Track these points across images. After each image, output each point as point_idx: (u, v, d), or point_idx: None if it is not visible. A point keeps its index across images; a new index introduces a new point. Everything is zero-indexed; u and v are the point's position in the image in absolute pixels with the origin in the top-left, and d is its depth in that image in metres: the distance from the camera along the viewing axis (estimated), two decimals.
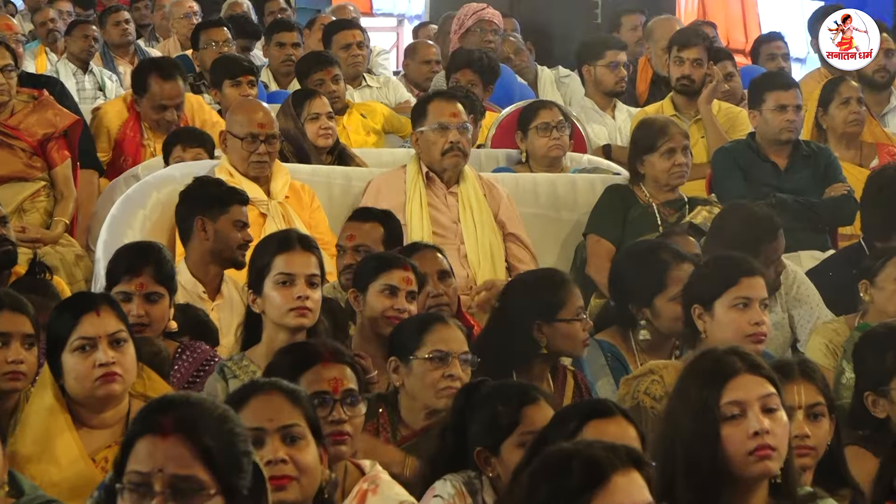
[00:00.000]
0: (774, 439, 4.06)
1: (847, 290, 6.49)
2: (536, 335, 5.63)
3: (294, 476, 3.80)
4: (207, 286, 6.54)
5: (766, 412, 4.08)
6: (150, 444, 3.24)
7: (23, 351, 5.12)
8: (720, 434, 4.08)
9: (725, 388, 4.10)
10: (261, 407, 3.84)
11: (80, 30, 11.44)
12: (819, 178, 7.81)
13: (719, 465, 4.07)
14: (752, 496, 4.13)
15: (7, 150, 8.00)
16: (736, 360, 4.16)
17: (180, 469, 3.23)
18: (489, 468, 4.44)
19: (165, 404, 3.33)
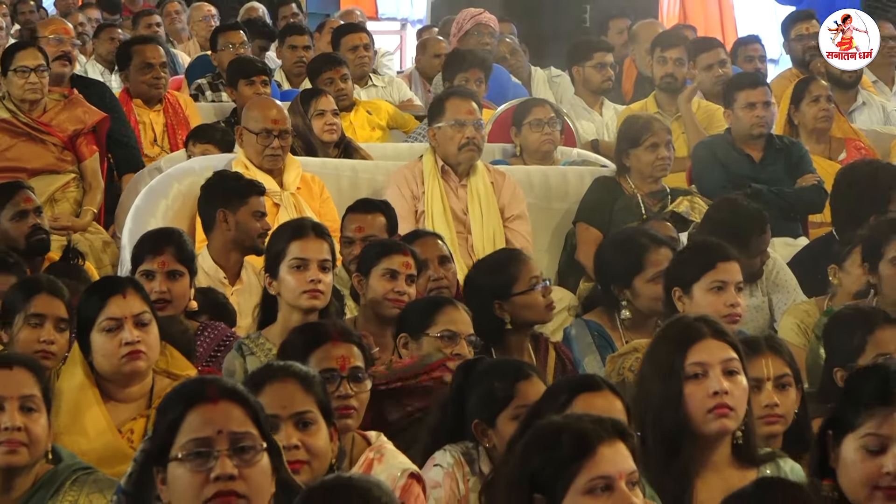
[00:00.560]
0: (733, 400, 4.11)
1: (819, 274, 6.50)
2: (499, 313, 5.66)
3: (306, 460, 3.81)
4: (228, 272, 6.56)
5: (727, 374, 4.13)
6: (204, 411, 3.30)
7: (55, 333, 5.14)
8: (683, 392, 4.12)
9: (690, 350, 4.15)
10: (275, 394, 3.84)
11: (107, 33, 11.45)
12: (791, 169, 7.81)
13: (682, 421, 4.11)
14: (714, 453, 4.17)
15: (40, 144, 8.01)
16: (703, 325, 4.21)
17: (238, 427, 3.30)
18: (486, 439, 4.44)
19: (201, 380, 3.42)
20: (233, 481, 3.25)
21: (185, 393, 3.36)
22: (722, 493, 4.01)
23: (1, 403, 4.09)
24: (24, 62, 8.00)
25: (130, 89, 9.05)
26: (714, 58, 9.24)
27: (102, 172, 8.16)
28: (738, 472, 4.16)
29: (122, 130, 8.56)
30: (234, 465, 3.26)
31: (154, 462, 3.35)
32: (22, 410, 4.10)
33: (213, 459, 3.26)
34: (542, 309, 5.72)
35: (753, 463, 4.19)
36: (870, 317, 5.21)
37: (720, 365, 4.13)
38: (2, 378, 4.12)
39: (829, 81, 8.75)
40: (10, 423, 4.06)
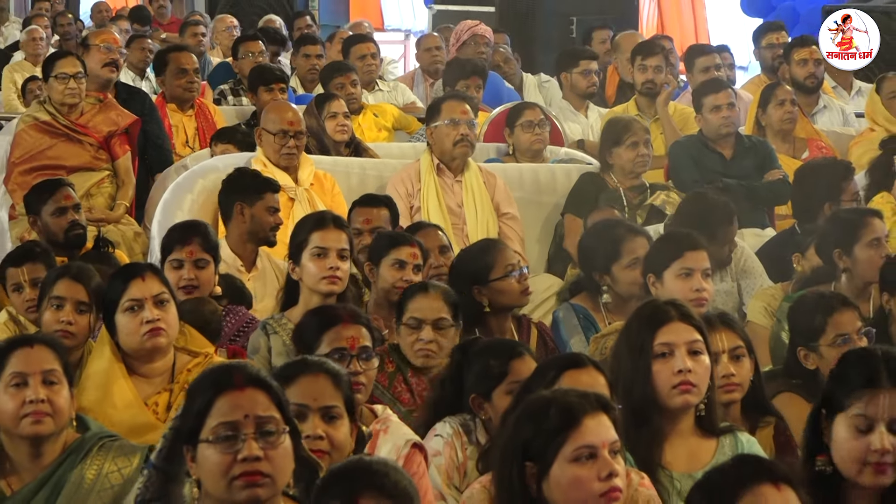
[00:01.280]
0: (696, 377, 4.13)
1: (783, 262, 6.50)
2: (478, 297, 5.62)
3: (327, 451, 3.78)
4: (244, 260, 6.53)
5: (692, 354, 4.15)
6: (232, 397, 3.28)
7: (75, 314, 5.14)
8: (651, 369, 4.14)
9: (659, 332, 4.18)
10: (308, 386, 3.81)
11: (138, 43, 11.42)
12: (759, 166, 7.80)
13: (650, 395, 4.13)
14: (679, 423, 4.19)
15: (77, 144, 8.02)
16: (671, 309, 4.23)
17: (263, 411, 3.29)
18: (482, 412, 4.44)
19: (228, 367, 3.40)
20: (258, 462, 3.24)
21: (215, 379, 3.34)
22: (686, 457, 4.14)
23: (25, 379, 4.08)
24: (63, 69, 8.00)
25: (166, 94, 9.08)
26: (710, 61, 9.27)
27: (134, 170, 8.16)
28: (700, 440, 4.20)
29: (158, 133, 8.58)
30: (260, 447, 3.25)
31: (184, 441, 3.34)
32: (45, 384, 4.09)
33: (240, 442, 3.25)
34: (516, 294, 5.69)
35: (714, 433, 4.22)
36: (830, 301, 5.19)
37: (685, 345, 4.16)
38: (25, 355, 4.11)
39: (793, 87, 8.74)
40: (35, 396, 4.05)
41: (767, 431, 4.52)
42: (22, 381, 4.08)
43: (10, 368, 4.10)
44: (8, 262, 5.92)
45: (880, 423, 3.59)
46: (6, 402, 4.07)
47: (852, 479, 3.61)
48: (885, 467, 3.57)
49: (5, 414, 4.08)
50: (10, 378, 4.09)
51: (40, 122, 8.03)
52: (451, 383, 4.55)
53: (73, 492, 4.07)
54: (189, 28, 12.38)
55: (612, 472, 3.41)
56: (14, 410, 4.06)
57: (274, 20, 13.21)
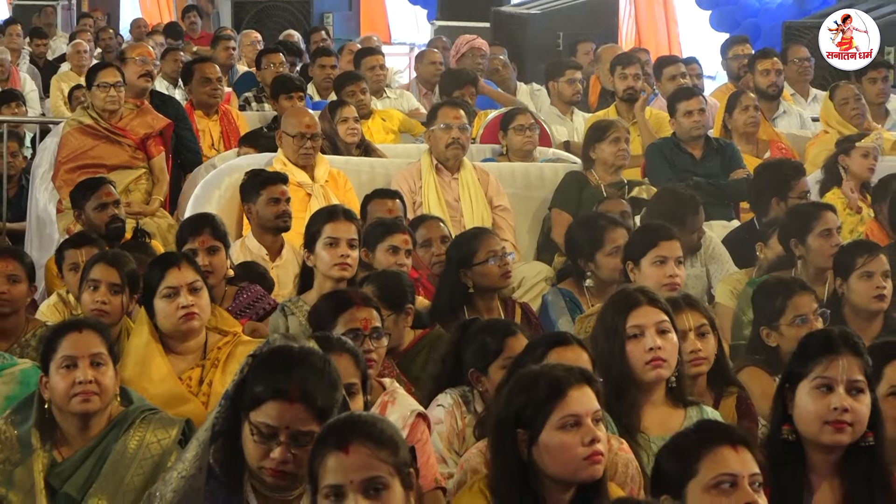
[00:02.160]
0: (665, 353, 4.16)
1: (745, 250, 6.49)
2: (464, 279, 5.62)
3: None
4: (269, 250, 6.52)
5: (660, 333, 4.17)
6: (282, 407, 3.24)
7: (109, 295, 5.15)
8: (625, 349, 4.16)
9: (630, 315, 4.20)
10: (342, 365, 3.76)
11: (171, 55, 11.43)
12: (726, 165, 7.79)
13: (625, 371, 4.15)
14: (652, 396, 4.21)
15: (117, 145, 8.02)
16: (639, 294, 4.26)
17: (303, 426, 3.25)
18: (479, 385, 4.43)
19: (291, 366, 3.29)
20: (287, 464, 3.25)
21: (270, 387, 3.27)
22: (659, 424, 4.16)
23: (75, 361, 4.07)
24: (105, 79, 8.01)
25: (193, 101, 9.08)
26: (676, 70, 9.27)
27: (167, 168, 8.16)
28: (671, 410, 4.23)
29: (190, 137, 8.58)
30: (293, 450, 3.24)
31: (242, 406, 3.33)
32: (92, 366, 4.08)
33: (275, 444, 3.25)
34: (496, 277, 5.66)
35: (683, 403, 4.24)
36: (789, 285, 5.20)
37: (654, 326, 4.18)
38: (74, 340, 4.11)
39: (756, 94, 8.74)
40: (83, 377, 4.05)
41: (731, 400, 4.53)
42: (72, 364, 4.07)
43: (61, 352, 4.09)
44: (68, 245, 5.94)
45: (839, 384, 3.60)
46: (58, 383, 4.07)
47: (813, 438, 3.61)
48: (842, 425, 3.57)
49: (57, 393, 4.07)
50: (61, 360, 4.08)
51: (84, 126, 8.03)
52: (452, 359, 4.55)
53: (118, 460, 4.06)
54: (221, 42, 12.37)
55: (595, 438, 3.41)
56: (65, 390, 4.06)
57: (293, 34, 13.20)
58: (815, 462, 3.63)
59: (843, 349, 3.62)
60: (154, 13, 21.72)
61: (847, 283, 5.49)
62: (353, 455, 2.99)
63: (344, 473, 2.99)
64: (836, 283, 5.56)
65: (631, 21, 15.42)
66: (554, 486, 3.43)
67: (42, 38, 15.56)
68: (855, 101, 8.50)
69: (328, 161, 7.40)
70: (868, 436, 3.60)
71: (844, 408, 3.57)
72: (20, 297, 5.33)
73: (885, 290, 5.44)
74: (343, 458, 2.99)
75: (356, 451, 2.99)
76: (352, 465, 2.99)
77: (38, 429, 4.10)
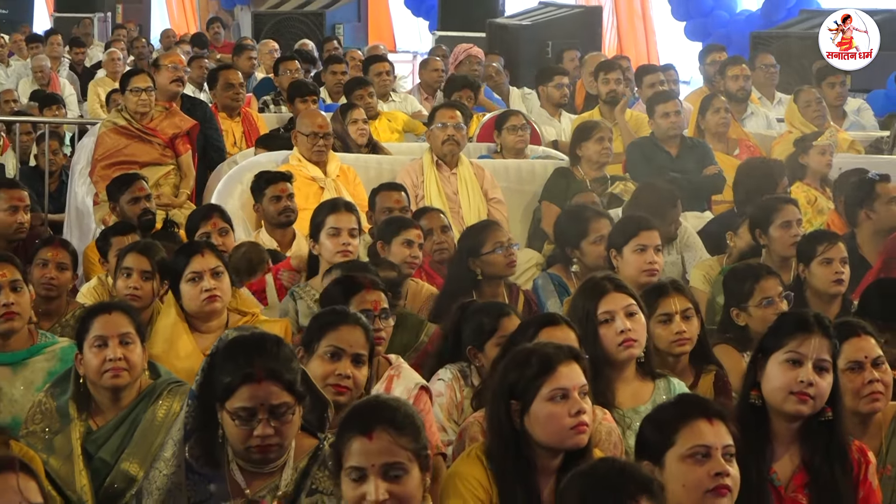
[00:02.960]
0: (635, 334, 4.15)
1: (721, 239, 6.49)
2: (472, 267, 5.59)
3: (350, 388, 3.76)
4: (280, 243, 6.51)
5: (629, 316, 4.17)
6: (252, 389, 3.24)
7: (140, 281, 5.13)
8: (598, 333, 4.15)
9: (600, 302, 4.19)
10: (347, 334, 3.77)
11: (197, 62, 11.41)
12: (699, 162, 7.77)
13: (599, 353, 4.12)
14: (624, 371, 4.20)
15: (148, 144, 7.99)
16: (607, 282, 4.25)
17: (276, 399, 3.24)
18: (476, 360, 4.43)
19: (249, 350, 3.30)
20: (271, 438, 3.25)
21: (238, 374, 3.27)
22: (631, 396, 4.17)
23: (105, 340, 4.06)
24: (137, 84, 7.99)
25: (217, 104, 9.04)
26: (655, 78, 9.24)
27: (194, 164, 8.14)
28: (641, 382, 4.22)
29: (215, 136, 8.55)
30: (273, 425, 3.24)
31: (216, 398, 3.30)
32: (121, 344, 4.07)
33: (255, 422, 3.24)
34: (502, 266, 5.64)
35: (652, 376, 4.24)
36: (757, 270, 5.19)
37: (623, 310, 4.17)
38: (105, 321, 4.09)
39: (726, 97, 8.72)
40: (113, 355, 4.04)
41: (709, 377, 4.52)
42: (103, 343, 4.06)
43: (93, 332, 4.08)
44: (112, 232, 5.94)
45: (808, 360, 3.58)
46: (91, 360, 4.06)
47: (778, 406, 3.60)
48: (805, 397, 3.55)
49: (90, 369, 4.07)
50: (93, 340, 4.07)
51: (118, 127, 8.01)
52: (452, 337, 4.54)
53: (147, 427, 4.06)
54: (244, 52, 12.36)
55: (581, 409, 3.40)
56: (97, 366, 4.05)
57: (307, 44, 13.20)
58: (778, 430, 3.62)
59: (817, 330, 3.60)
60: (181, 24, 21.76)
61: (809, 269, 5.47)
62: (375, 441, 2.98)
63: (366, 457, 2.98)
64: (798, 269, 5.55)
65: (613, 31, 15.40)
66: (544, 452, 3.42)
67: (80, 47, 15.57)
68: (816, 103, 8.50)
69: (339, 158, 7.39)
70: (827, 411, 3.59)
71: (810, 382, 3.55)
72: (67, 282, 5.38)
73: (843, 275, 5.44)
74: (366, 443, 2.99)
75: (379, 437, 2.99)
76: (374, 450, 2.98)
77: (74, 401, 4.10)
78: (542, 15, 13.61)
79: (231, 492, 3.31)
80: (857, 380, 3.86)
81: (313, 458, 3.33)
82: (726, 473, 3.10)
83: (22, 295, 4.56)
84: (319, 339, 3.77)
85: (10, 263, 4.62)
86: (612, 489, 2.74)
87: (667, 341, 4.46)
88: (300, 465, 3.33)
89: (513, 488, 3.38)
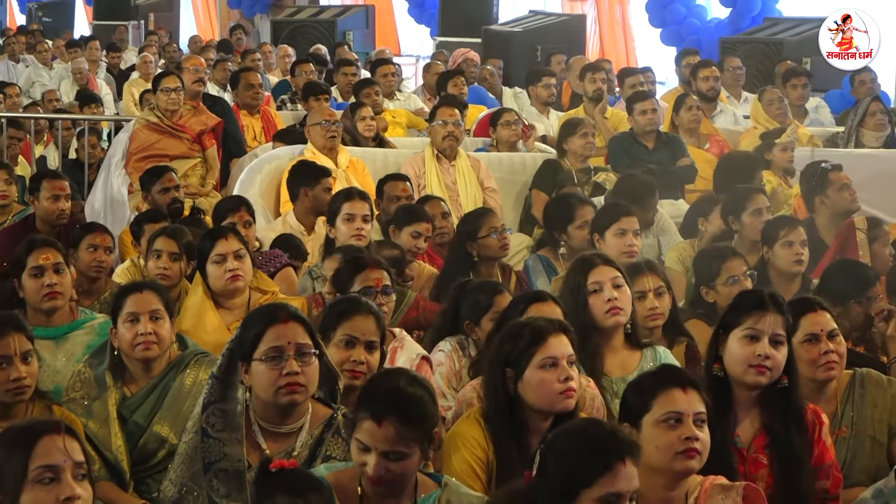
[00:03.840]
0: (621, 303, 4.14)
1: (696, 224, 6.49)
2: (469, 249, 5.60)
3: (364, 373, 3.72)
4: (306, 226, 6.48)
5: (615, 287, 4.16)
6: (279, 328, 3.26)
7: (169, 262, 5.12)
8: (587, 303, 4.14)
9: (589, 274, 4.18)
10: (360, 323, 3.76)
11: (221, 66, 11.38)
12: (673, 155, 7.75)
13: (588, 321, 4.12)
14: (612, 341, 4.19)
15: (177, 139, 7.99)
16: (596, 257, 4.27)
17: (301, 339, 3.27)
18: (473, 333, 4.42)
19: (274, 306, 3.36)
20: (297, 375, 3.25)
21: (263, 316, 3.32)
22: (619, 365, 4.15)
23: (137, 316, 4.04)
24: (167, 85, 8.00)
25: (239, 103, 9.01)
26: (636, 80, 9.22)
27: (218, 157, 8.12)
28: (629, 352, 4.21)
29: (236, 131, 8.53)
30: (298, 365, 3.24)
31: (239, 359, 3.32)
32: (152, 320, 4.04)
33: (284, 361, 3.24)
34: (496, 250, 5.65)
35: (639, 346, 4.22)
36: (723, 251, 5.20)
37: (610, 281, 4.16)
38: (136, 298, 4.07)
39: (698, 96, 8.70)
40: (144, 329, 4.02)
41: (680, 348, 4.51)
42: (134, 319, 4.04)
43: (126, 309, 4.06)
44: (145, 219, 5.94)
45: (764, 336, 3.57)
46: (124, 334, 4.05)
47: (738, 378, 3.59)
48: (763, 369, 3.55)
49: (124, 342, 4.05)
50: (126, 316, 4.05)
51: (150, 123, 8.00)
52: (451, 312, 4.53)
53: (176, 394, 4.05)
54: (249, 56, 12.48)
55: (568, 376, 3.39)
56: (130, 340, 4.03)
57: (321, 48, 13.16)
58: (739, 398, 3.61)
59: (771, 307, 3.59)
60: (207, 30, 21.74)
61: (772, 251, 5.47)
62: (384, 429, 2.95)
63: (373, 440, 2.96)
64: (762, 251, 5.55)
65: (596, 37, 15.35)
66: (535, 415, 3.41)
67: (116, 51, 15.56)
68: (779, 102, 8.52)
69: (349, 151, 7.37)
70: (783, 379, 3.58)
71: (766, 355, 3.54)
72: (110, 264, 5.38)
73: (802, 256, 5.44)
74: (375, 429, 2.96)
75: (387, 427, 2.95)
76: (381, 436, 2.96)
77: (110, 370, 4.08)
78: (532, 22, 13.59)
79: (249, 451, 3.30)
80: (814, 350, 3.85)
81: (327, 427, 3.33)
82: (696, 438, 3.09)
83: (64, 276, 4.55)
84: (335, 328, 3.74)
85: (53, 248, 4.60)
86: (601, 450, 2.73)
87: (641, 316, 4.45)
88: (315, 431, 3.32)
89: (507, 446, 3.38)
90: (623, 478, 2.70)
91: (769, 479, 3.51)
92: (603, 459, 2.70)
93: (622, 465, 2.71)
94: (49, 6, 22.48)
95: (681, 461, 3.08)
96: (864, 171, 7.16)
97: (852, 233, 5.90)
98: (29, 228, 6.20)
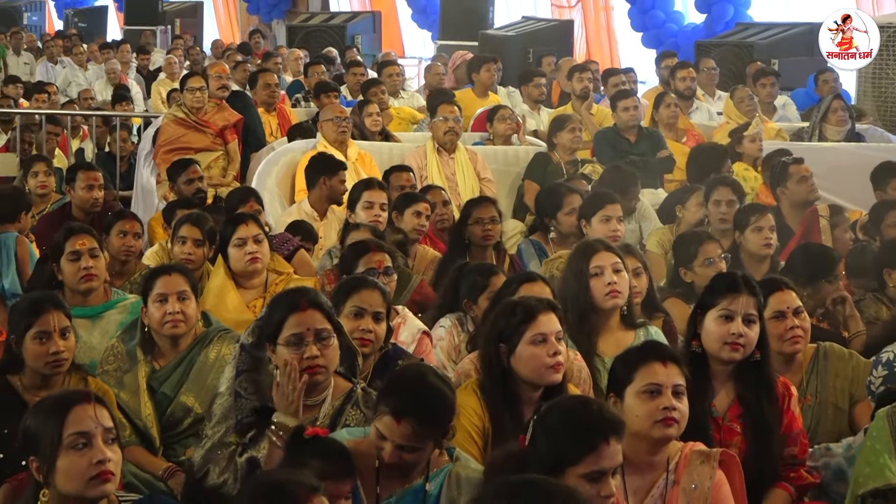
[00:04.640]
0: (620, 287, 4.12)
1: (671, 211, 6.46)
2: (465, 234, 5.59)
3: (372, 341, 3.74)
4: (319, 213, 6.45)
5: (615, 272, 4.13)
6: (299, 317, 3.24)
7: (193, 248, 5.12)
8: (589, 286, 4.11)
9: (591, 259, 4.14)
10: (366, 296, 3.75)
11: (241, 67, 11.32)
12: (653, 148, 7.73)
13: (589, 302, 4.11)
14: (609, 320, 4.17)
15: (201, 133, 7.96)
16: (598, 244, 4.24)
17: (319, 325, 3.24)
18: (471, 311, 4.41)
19: (296, 293, 3.32)
20: (317, 359, 3.23)
21: (285, 302, 3.30)
22: (614, 345, 4.09)
23: (165, 297, 4.03)
24: (192, 84, 7.99)
25: (257, 101, 8.95)
26: (618, 80, 9.19)
27: (239, 150, 8.10)
28: (624, 332, 4.18)
29: (255, 126, 8.50)
30: (318, 349, 3.22)
31: (266, 340, 3.30)
32: (179, 300, 4.03)
33: (304, 346, 3.22)
34: (478, 238, 5.59)
35: (633, 326, 4.20)
36: (700, 235, 5.21)
37: (610, 266, 4.13)
38: (165, 280, 4.06)
39: (675, 94, 8.66)
40: (172, 309, 4.02)
41: (658, 323, 4.49)
42: (164, 299, 4.03)
43: (155, 290, 4.05)
44: (178, 205, 5.94)
45: (738, 315, 3.57)
46: (153, 313, 4.04)
47: (715, 354, 3.58)
48: (737, 346, 3.55)
49: (153, 320, 4.05)
50: (156, 296, 4.05)
51: (177, 119, 7.97)
52: (451, 291, 4.52)
53: (201, 367, 4.05)
54: (271, 59, 12.39)
55: (557, 351, 3.38)
56: (159, 318, 4.03)
57: (332, 50, 13.16)
58: (716, 371, 3.60)
59: (744, 289, 3.59)
60: (228, 34, 21.74)
61: (743, 235, 5.47)
62: (402, 426, 2.93)
63: (391, 433, 2.95)
64: (735, 235, 5.54)
65: (583, 40, 15.32)
66: (527, 386, 3.40)
67: (145, 53, 15.51)
68: (749, 99, 8.50)
69: (357, 144, 7.35)
70: (756, 354, 3.57)
71: (740, 333, 3.54)
72: (139, 249, 5.37)
73: (771, 240, 5.44)
74: (394, 425, 2.94)
75: (405, 425, 2.93)
76: (398, 433, 2.94)
77: (140, 346, 4.08)
78: (525, 27, 13.56)
79: None
80: (781, 326, 3.86)
81: (347, 399, 3.32)
82: (673, 408, 3.08)
83: (98, 260, 4.55)
84: (345, 301, 3.74)
85: (88, 234, 4.60)
86: (587, 430, 2.72)
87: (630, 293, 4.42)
88: (336, 403, 3.31)
89: (501, 415, 3.37)
90: (607, 456, 2.71)
91: (742, 445, 3.51)
92: (588, 440, 2.70)
93: (606, 445, 2.71)
94: (84, 12, 22.47)
95: (659, 429, 3.08)
96: (827, 163, 7.16)
97: (816, 219, 5.91)
98: (66, 216, 6.19)
